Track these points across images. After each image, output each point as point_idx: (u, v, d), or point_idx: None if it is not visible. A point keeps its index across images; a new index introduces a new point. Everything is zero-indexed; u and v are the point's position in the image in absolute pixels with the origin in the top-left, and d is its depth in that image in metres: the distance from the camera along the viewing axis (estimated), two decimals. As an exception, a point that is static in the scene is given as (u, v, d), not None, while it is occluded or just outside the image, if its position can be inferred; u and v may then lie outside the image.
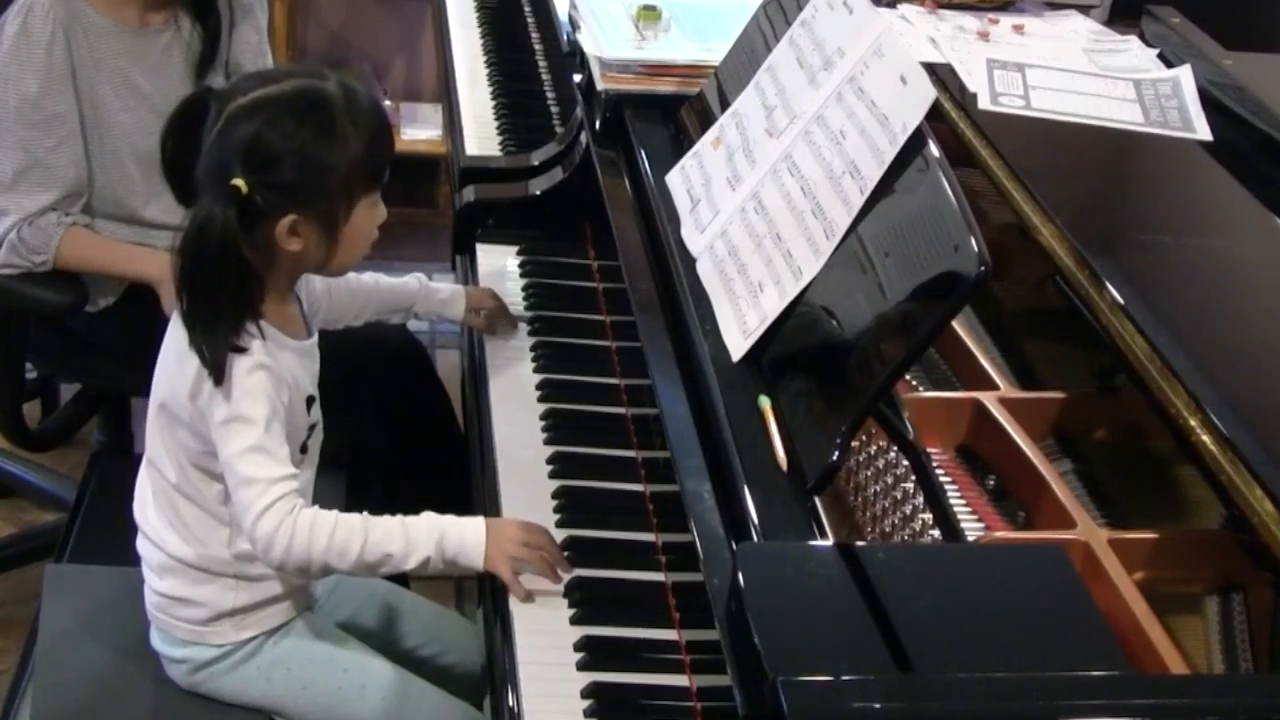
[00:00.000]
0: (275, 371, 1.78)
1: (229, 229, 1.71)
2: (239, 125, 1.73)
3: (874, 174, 1.69)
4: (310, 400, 1.87)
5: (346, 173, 1.77)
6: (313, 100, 1.76)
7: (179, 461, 1.85)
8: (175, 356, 1.81)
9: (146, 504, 1.92)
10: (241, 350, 1.76)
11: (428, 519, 1.81)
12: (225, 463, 1.77)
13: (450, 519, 1.81)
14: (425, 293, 2.19)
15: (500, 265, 2.43)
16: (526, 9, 3.23)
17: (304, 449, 1.88)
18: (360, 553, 1.78)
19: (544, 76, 3.02)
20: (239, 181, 1.71)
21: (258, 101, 1.75)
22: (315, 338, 1.91)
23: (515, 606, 1.80)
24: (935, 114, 1.77)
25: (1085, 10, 2.48)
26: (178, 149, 1.81)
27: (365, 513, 1.82)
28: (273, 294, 1.82)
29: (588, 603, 1.80)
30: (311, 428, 1.89)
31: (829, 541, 1.50)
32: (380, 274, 2.18)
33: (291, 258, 1.79)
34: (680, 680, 1.73)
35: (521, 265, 2.43)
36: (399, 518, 1.81)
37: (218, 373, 1.75)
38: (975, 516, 1.69)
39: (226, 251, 1.72)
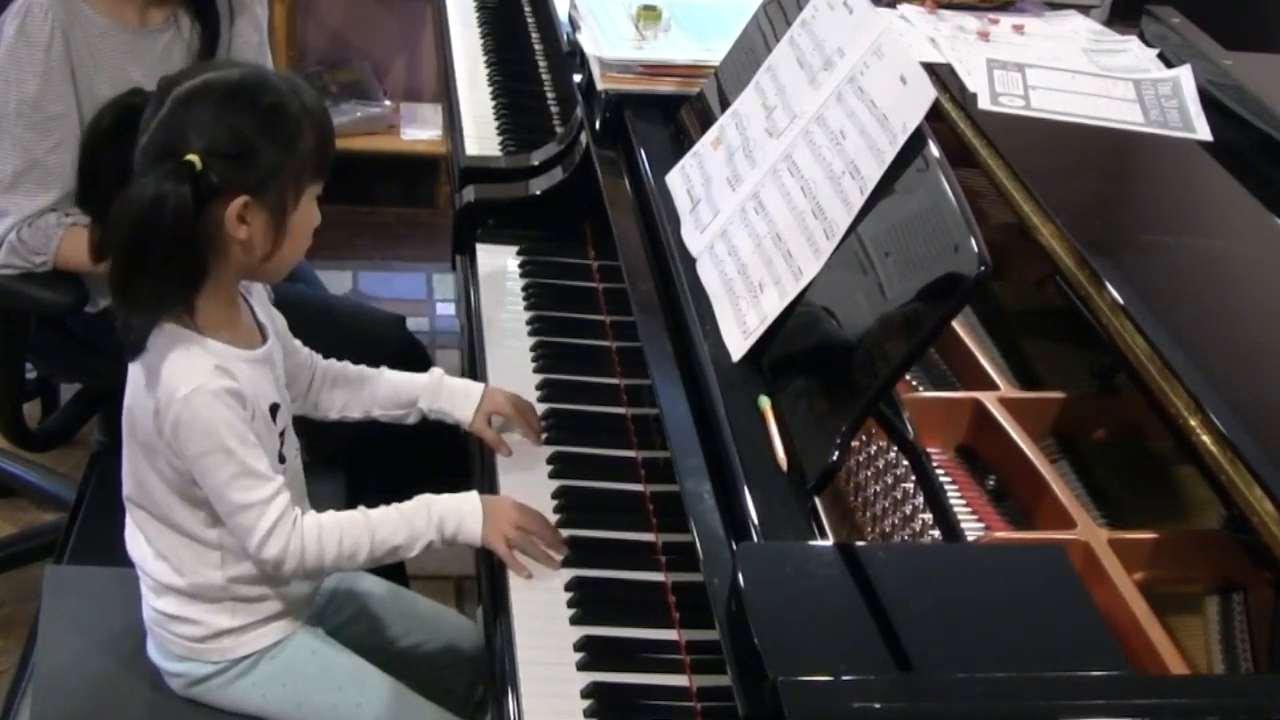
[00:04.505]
0: (237, 392, 1.75)
1: (183, 206, 1.65)
2: (191, 106, 1.70)
3: (874, 174, 1.69)
4: (274, 408, 1.84)
5: (301, 158, 1.74)
6: (264, 86, 1.74)
7: (160, 492, 1.82)
8: (135, 394, 1.79)
9: (136, 539, 1.90)
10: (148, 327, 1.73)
11: (424, 505, 1.85)
12: (213, 494, 1.76)
13: (445, 501, 1.85)
14: (434, 388, 2.04)
15: (500, 265, 2.43)
16: (526, 9, 3.23)
17: (281, 459, 1.85)
18: (369, 551, 1.82)
19: (544, 76, 3.02)
20: (193, 156, 1.67)
21: (210, 83, 1.72)
22: (271, 343, 1.86)
23: (515, 607, 1.80)
24: (935, 114, 1.78)
25: (1085, 10, 2.48)
26: (100, 150, 1.77)
27: (362, 507, 1.84)
28: (217, 298, 1.77)
29: (588, 603, 1.81)
30: (282, 434, 1.86)
31: (829, 541, 1.51)
32: (390, 369, 2.08)
33: (237, 248, 1.73)
34: (680, 680, 1.72)
35: (521, 265, 2.43)
36: (396, 508, 1.84)
37: (135, 349, 1.73)
38: (975, 516, 1.69)
39: (179, 230, 1.66)
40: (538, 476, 2.00)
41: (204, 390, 1.72)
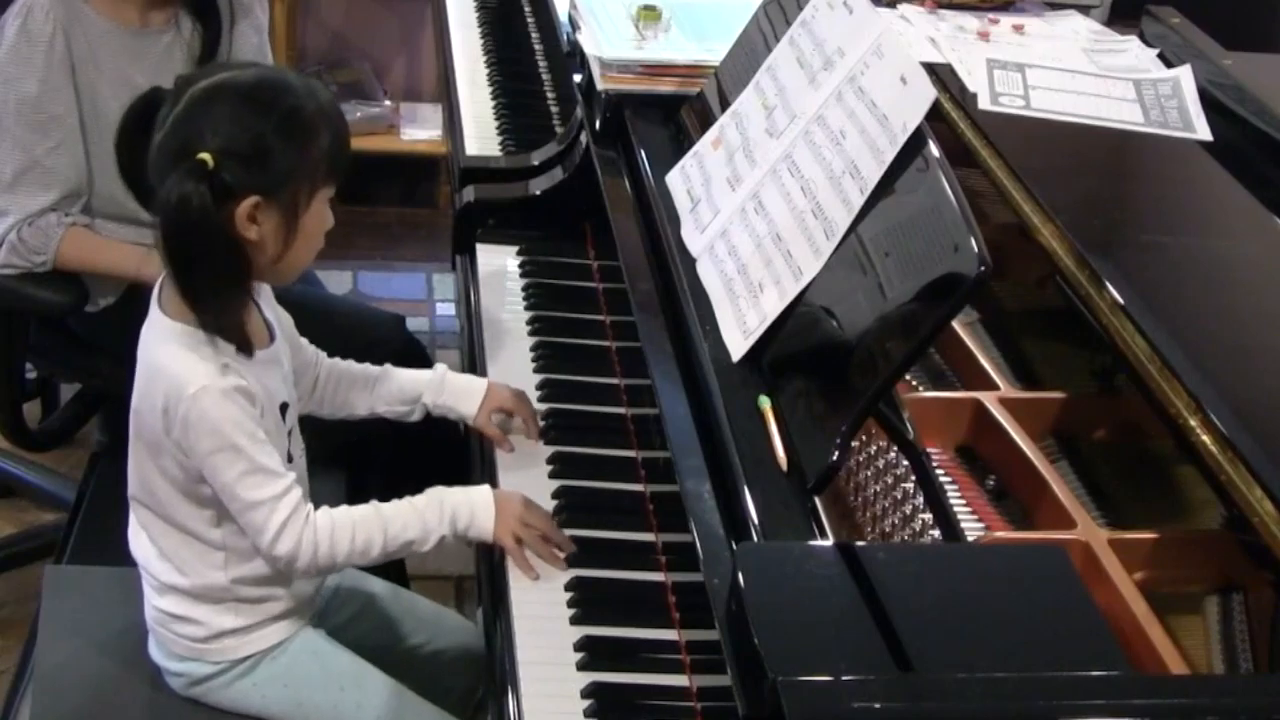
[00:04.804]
0: (247, 390, 1.75)
1: (206, 202, 1.66)
2: (206, 105, 1.70)
3: (874, 174, 1.69)
4: (284, 407, 1.84)
5: (315, 161, 1.74)
6: (281, 88, 1.74)
7: (165, 492, 1.82)
8: (142, 392, 1.79)
9: (139, 538, 1.90)
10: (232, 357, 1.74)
11: (436, 499, 1.85)
12: (223, 491, 1.76)
13: (458, 494, 1.86)
14: (438, 384, 2.06)
15: (500, 265, 2.43)
16: (526, 9, 3.23)
17: (289, 458, 1.85)
18: (383, 546, 1.82)
19: (544, 76, 3.02)
20: (205, 155, 1.67)
21: (224, 83, 1.72)
22: (279, 342, 1.87)
23: (515, 607, 1.80)
24: (935, 114, 1.77)
25: (1085, 10, 2.48)
26: (134, 152, 1.77)
27: (374, 501, 1.84)
28: None
29: (588, 603, 1.81)
30: (289, 434, 1.87)
31: (829, 541, 1.51)
32: (394, 366, 2.08)
33: (247, 248, 1.73)
34: (680, 680, 1.73)
35: (521, 265, 2.43)
36: (409, 501, 1.85)
37: (248, 346, 1.75)
38: (975, 516, 1.70)
39: (210, 224, 1.67)
40: (538, 476, 2.00)
41: (212, 389, 1.72)
